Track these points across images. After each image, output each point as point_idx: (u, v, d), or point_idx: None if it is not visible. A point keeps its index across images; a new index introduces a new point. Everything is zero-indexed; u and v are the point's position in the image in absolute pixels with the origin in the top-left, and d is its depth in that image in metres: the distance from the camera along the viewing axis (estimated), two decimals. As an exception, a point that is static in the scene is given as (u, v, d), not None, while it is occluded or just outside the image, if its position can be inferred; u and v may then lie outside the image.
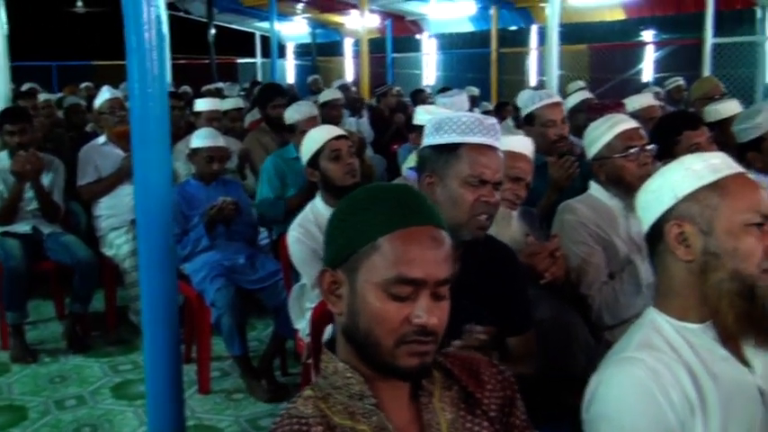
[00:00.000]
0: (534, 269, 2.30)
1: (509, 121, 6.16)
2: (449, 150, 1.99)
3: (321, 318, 2.49)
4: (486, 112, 8.20)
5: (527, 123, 3.76)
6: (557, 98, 3.83)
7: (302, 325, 3.06)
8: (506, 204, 2.47)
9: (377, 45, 13.83)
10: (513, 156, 2.54)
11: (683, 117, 3.43)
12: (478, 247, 2.05)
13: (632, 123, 2.76)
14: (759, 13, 9.89)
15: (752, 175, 3.11)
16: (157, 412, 2.23)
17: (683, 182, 1.47)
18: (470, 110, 5.84)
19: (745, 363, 1.43)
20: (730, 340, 1.43)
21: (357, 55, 12.81)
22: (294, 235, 2.90)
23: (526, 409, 1.44)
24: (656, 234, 1.50)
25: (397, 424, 1.24)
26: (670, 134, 3.12)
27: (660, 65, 11.82)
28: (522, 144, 2.62)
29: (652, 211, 1.50)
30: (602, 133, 2.73)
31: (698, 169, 1.47)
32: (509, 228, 2.47)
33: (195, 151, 4.15)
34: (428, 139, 2.05)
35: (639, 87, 8.69)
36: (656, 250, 1.51)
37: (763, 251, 1.40)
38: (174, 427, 2.23)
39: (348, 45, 17.35)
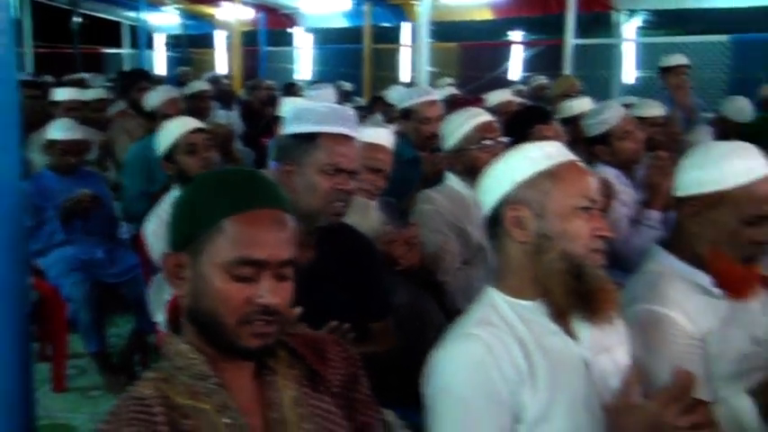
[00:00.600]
0: (391, 256, 2.37)
1: (378, 116, 6.25)
2: (307, 139, 2.02)
3: (178, 308, 2.46)
4: (359, 108, 8.28)
5: (403, 118, 3.86)
6: (434, 96, 3.94)
7: (161, 318, 3.01)
8: (365, 194, 2.53)
9: (250, 38, 13.65)
10: (372, 147, 2.60)
11: (534, 112, 3.60)
12: (336, 236, 2.10)
13: (488, 117, 2.88)
14: (616, 18, 10.46)
15: (600, 168, 3.33)
16: (6, 412, 2.15)
17: (521, 168, 1.55)
18: (340, 104, 5.87)
19: (573, 336, 1.53)
20: (560, 316, 1.53)
21: (231, 48, 12.62)
22: (151, 227, 2.85)
23: (382, 391, 1.50)
24: (495, 217, 1.58)
25: (240, 402, 1.27)
26: (523, 128, 3.26)
27: (528, 64, 12.27)
28: (381, 136, 2.69)
29: (492, 196, 1.58)
30: (459, 125, 2.84)
31: (534, 157, 1.56)
32: (368, 217, 2.53)
33: (51, 143, 3.98)
34: (287, 128, 2.08)
35: (507, 85, 9.03)
36: (495, 233, 1.59)
37: (589, 233, 1.51)
38: (23, 427, 2.16)
39: (220, 37, 17.02)
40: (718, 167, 1.79)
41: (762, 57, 8.28)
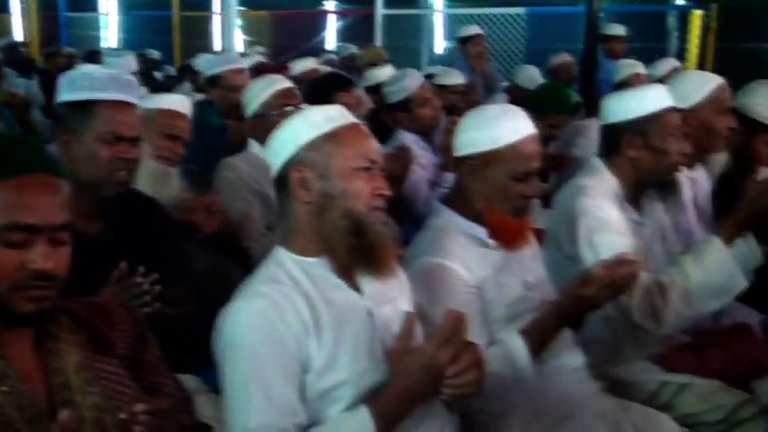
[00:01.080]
0: (192, 223, 2.37)
1: (187, 84, 6.12)
2: (84, 107, 1.97)
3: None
4: (169, 77, 8.04)
5: (211, 86, 3.82)
6: (242, 64, 3.94)
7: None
8: (164, 161, 2.52)
9: (49, 2, 12.77)
10: (170, 114, 2.59)
11: (335, 79, 3.66)
12: (127, 204, 2.07)
13: (287, 83, 2.93)
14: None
15: (402, 134, 3.46)
16: None
17: (304, 131, 1.61)
18: (144, 72, 5.71)
19: (357, 289, 1.62)
20: (345, 270, 1.61)
21: (27, 12, 11.73)
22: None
23: (185, 356, 1.50)
24: (282, 179, 1.63)
25: (20, 370, 1.25)
26: (324, 95, 3.32)
27: (343, 34, 12.37)
28: (178, 102, 2.67)
29: (279, 158, 1.63)
30: (259, 92, 2.87)
31: (317, 120, 1.62)
32: (168, 184, 2.51)
33: None
34: (62, 96, 2.01)
35: (323, 55, 9.06)
36: (282, 194, 1.64)
37: (370, 192, 1.59)
38: None
39: (16, 1, 15.77)
40: (490, 129, 1.94)
41: (555, 28, 8.86)
